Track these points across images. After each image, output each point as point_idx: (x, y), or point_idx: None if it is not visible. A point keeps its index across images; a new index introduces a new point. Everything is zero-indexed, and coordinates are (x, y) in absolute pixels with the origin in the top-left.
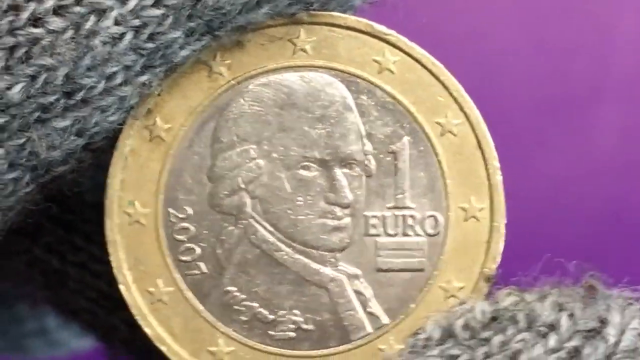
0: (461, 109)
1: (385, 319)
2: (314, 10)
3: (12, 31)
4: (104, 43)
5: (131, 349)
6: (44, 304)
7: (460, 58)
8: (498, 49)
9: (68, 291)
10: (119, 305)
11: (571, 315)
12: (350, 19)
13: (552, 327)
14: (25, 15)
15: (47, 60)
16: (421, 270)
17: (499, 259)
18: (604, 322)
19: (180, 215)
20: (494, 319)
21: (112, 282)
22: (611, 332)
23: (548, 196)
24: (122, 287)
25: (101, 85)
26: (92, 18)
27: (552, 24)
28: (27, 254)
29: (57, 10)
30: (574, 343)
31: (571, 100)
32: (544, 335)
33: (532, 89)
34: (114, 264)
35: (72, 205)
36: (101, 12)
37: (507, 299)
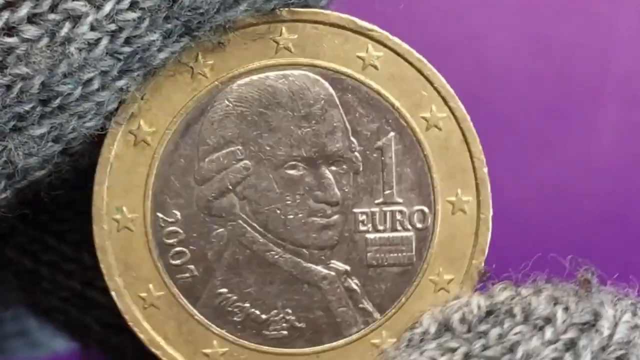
0: (445, 102)
1: (376, 314)
2: (293, 4)
3: None
4: (80, 49)
5: (105, 348)
6: (16, 305)
7: (458, 60)
8: (497, 49)
9: (41, 291)
10: (92, 304)
11: (566, 309)
12: (333, 15)
13: (548, 320)
14: None
15: (23, 69)
16: (410, 264)
17: (486, 250)
18: (597, 315)
19: (169, 219)
20: (489, 312)
21: (85, 281)
22: (605, 325)
23: (546, 195)
24: (113, 294)
25: (78, 92)
26: (67, 25)
27: (551, 24)
28: None
29: (32, 19)
30: (569, 335)
31: (570, 101)
32: (541, 328)
33: (531, 89)
34: (104, 271)
35: (43, 204)
36: (76, 19)
37: (502, 293)
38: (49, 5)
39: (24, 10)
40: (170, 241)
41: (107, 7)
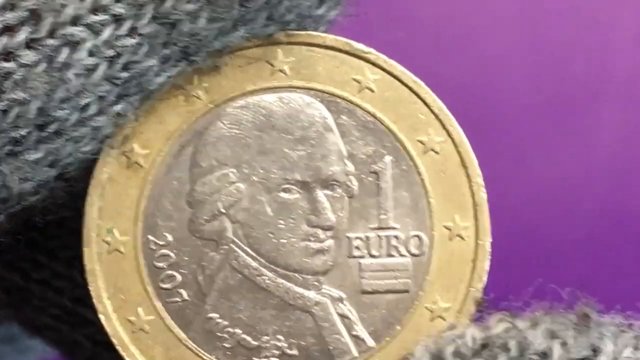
0: (443, 126)
1: (370, 342)
2: (290, 29)
3: None
4: (78, 75)
5: None
6: (6, 322)
7: (457, 60)
8: (497, 50)
9: (31, 308)
10: (83, 322)
11: (564, 344)
12: (329, 38)
13: (544, 355)
14: None
15: (20, 95)
16: (406, 291)
17: (485, 278)
18: (596, 350)
19: (160, 242)
20: (484, 345)
21: (76, 298)
22: None
23: (546, 197)
24: (101, 317)
25: (75, 117)
26: (66, 50)
27: (551, 24)
28: None
29: (30, 44)
30: None
31: (570, 101)
32: None
33: (531, 90)
34: (93, 293)
35: (34, 222)
36: (75, 44)
37: (498, 325)
38: (47, 31)
39: (22, 36)
40: (161, 264)
41: (106, 33)
